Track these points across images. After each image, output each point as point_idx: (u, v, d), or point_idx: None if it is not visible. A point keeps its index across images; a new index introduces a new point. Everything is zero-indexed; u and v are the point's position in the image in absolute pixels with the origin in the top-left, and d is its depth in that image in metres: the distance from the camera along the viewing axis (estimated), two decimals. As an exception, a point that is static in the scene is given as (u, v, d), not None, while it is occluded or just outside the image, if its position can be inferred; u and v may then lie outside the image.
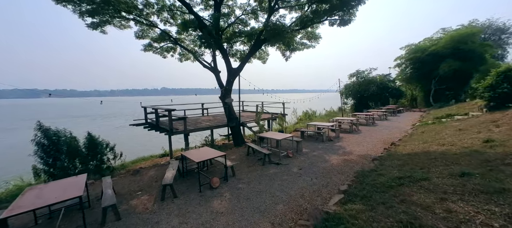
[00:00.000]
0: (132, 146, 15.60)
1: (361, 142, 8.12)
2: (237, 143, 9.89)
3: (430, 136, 7.06)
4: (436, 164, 4.26)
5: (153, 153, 10.83)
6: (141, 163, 8.61)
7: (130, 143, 17.18)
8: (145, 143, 16.66)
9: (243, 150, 7.96)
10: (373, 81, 21.79)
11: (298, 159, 6.42)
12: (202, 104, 13.76)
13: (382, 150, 6.94)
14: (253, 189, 4.60)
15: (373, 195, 3.52)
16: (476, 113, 8.64)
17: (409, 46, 20.45)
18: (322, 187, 4.50)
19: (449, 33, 17.81)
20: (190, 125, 9.25)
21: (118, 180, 5.82)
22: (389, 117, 15.00)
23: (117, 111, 45.28)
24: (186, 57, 14.77)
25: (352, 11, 9.85)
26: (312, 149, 7.42)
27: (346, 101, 23.63)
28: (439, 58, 17.51)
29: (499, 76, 7.52)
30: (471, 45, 16.41)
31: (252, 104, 14.70)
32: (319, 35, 12.39)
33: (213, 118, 12.23)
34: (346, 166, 5.66)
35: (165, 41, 12.67)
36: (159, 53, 13.89)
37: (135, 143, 17.25)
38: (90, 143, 6.98)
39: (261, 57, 14.92)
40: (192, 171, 5.84)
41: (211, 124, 9.85)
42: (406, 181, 3.74)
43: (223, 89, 10.49)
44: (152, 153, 10.90)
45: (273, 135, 6.99)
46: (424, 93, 20.57)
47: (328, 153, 6.96)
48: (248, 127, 10.03)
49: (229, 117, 10.10)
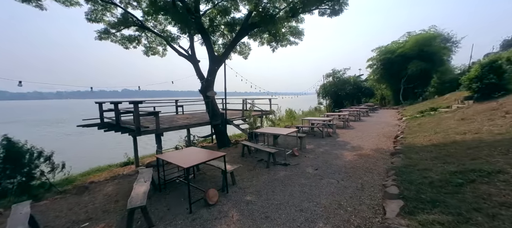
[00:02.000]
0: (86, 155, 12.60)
1: (361, 137, 7.49)
2: (223, 143, 8.36)
3: (432, 127, 6.76)
4: (484, 153, 3.59)
5: (113, 161, 8.56)
6: (95, 176, 6.44)
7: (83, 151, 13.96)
8: (102, 150, 13.70)
9: (235, 151, 6.51)
10: (348, 81, 22.51)
11: (307, 158, 5.31)
12: (176, 100, 11.76)
13: (390, 143, 6.34)
14: (269, 202, 3.26)
15: (446, 199, 2.57)
16: (460, 105, 8.92)
17: (379, 48, 21.68)
18: (358, 191, 3.43)
19: (414, 37, 19.36)
20: (163, 124, 7.39)
21: (52, 203, 3.82)
22: (370, 113, 15.26)
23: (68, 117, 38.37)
24: (154, 51, 12.59)
25: (342, 1, 9.35)
26: (316, 146, 6.42)
27: (322, 101, 23.96)
28: (407, 59, 18.83)
29: (484, 68, 7.78)
30: (433, 48, 18.01)
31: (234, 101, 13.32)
32: (302, 32, 11.78)
33: (191, 116, 10.41)
34: (366, 162, 4.75)
35: (127, 26, 10.42)
36: (120, 42, 11.48)
37: (91, 150, 14.09)
38: (10, 152, 4.73)
39: (242, 52, 13.67)
40: (172, 182, 4.20)
41: (190, 122, 8.13)
42: (473, 175, 2.91)
43: (204, 80, 8.88)
44: (112, 161, 8.62)
45: (276, 130, 5.76)
46: (393, 92, 22.00)
47: (335, 149, 6.04)
48: (235, 125, 8.61)
49: (213, 114, 8.52)
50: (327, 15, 9.91)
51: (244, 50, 13.57)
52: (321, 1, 9.16)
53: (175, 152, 4.05)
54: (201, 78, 9.12)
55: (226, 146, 7.98)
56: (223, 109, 8.90)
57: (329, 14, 9.88)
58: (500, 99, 6.93)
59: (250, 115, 7.83)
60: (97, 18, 9.85)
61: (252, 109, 7.84)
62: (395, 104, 21.06)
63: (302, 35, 12.00)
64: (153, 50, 12.46)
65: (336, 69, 22.42)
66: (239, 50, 13.54)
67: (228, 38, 10.83)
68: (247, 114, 7.92)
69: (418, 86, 19.46)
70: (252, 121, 7.93)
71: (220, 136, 8.67)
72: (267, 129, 5.95)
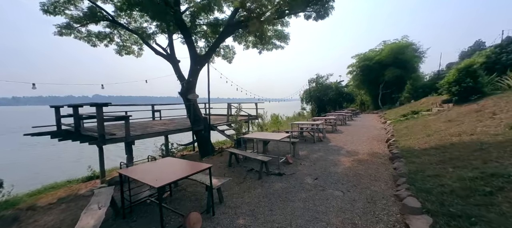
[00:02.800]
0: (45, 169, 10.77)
1: (353, 141, 7.21)
2: (206, 152, 7.51)
3: (421, 129, 6.72)
4: (494, 156, 3.36)
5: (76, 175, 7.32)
6: (47, 195, 5.20)
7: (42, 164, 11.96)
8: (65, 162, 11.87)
9: (220, 160, 5.74)
10: (330, 87, 23.01)
11: (303, 165, 4.76)
12: (152, 105, 10.61)
13: (383, 147, 6.10)
14: (268, 225, 2.60)
15: (481, 212, 2.16)
16: (440, 108, 9.23)
17: (358, 55, 22.60)
18: (370, 205, 2.93)
19: (389, 45, 20.51)
20: (136, 130, 6.37)
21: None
22: (353, 118, 15.47)
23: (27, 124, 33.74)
24: (128, 50, 11.41)
25: (327, 6, 9.29)
26: (310, 152, 5.93)
27: (305, 106, 24.15)
28: (384, 66, 19.79)
29: (461, 72, 8.12)
30: (406, 56, 19.19)
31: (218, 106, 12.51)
32: (288, 36, 11.61)
33: (169, 121, 9.38)
34: (368, 168, 4.35)
35: (95, 21, 9.23)
36: (86, 39, 10.16)
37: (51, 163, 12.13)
38: None
39: (226, 55, 13.06)
40: (143, 203, 3.32)
41: (168, 128, 7.17)
42: (498, 182, 2.58)
43: (185, 82, 8.03)
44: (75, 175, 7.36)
45: (266, 135, 5.14)
46: (372, 97, 22.93)
47: (331, 154, 5.60)
48: (220, 131, 7.83)
49: (195, 119, 7.67)
50: (313, 18, 9.77)
51: (229, 53, 12.96)
52: (306, 4, 8.98)
53: (146, 165, 3.21)
54: (181, 78, 8.26)
55: (209, 154, 7.16)
56: (206, 114, 8.09)
57: (314, 17, 9.74)
58: (479, 101, 7.18)
59: (236, 120, 7.14)
60: (57, 10, 8.53)
61: (238, 113, 7.18)
62: (375, 108, 21.92)
63: (288, 39, 11.80)
64: (127, 49, 11.24)
65: (320, 74, 22.83)
66: (223, 53, 12.90)
67: (211, 40, 10.12)
68: (233, 118, 7.22)
69: (395, 91, 20.52)
70: (238, 126, 7.24)
71: (203, 144, 7.81)
72: (256, 134, 5.32)
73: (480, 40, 33.44)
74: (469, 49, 32.63)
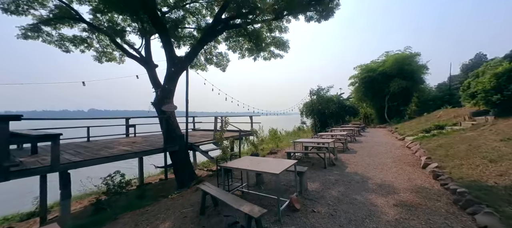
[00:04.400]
0: None
1: (376, 166, 5.46)
2: (182, 181, 5.66)
3: (469, 151, 5.03)
4: None
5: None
6: None
7: None
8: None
9: (192, 200, 3.90)
10: (331, 100, 21.52)
11: (317, 215, 2.97)
12: (126, 119, 8.86)
13: (424, 177, 4.35)
14: None
15: None
16: (472, 122, 7.61)
17: (360, 66, 21.46)
18: None
19: (393, 56, 19.40)
20: (79, 154, 4.55)
21: None
22: (361, 133, 13.78)
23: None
24: (109, 57, 9.95)
25: (331, 6, 8.02)
26: (323, 185, 4.13)
27: (305, 120, 22.52)
28: (388, 77, 18.52)
29: (501, 78, 6.61)
30: (413, 67, 18.00)
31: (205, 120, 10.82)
32: (287, 43, 10.33)
33: (143, 140, 7.58)
34: (429, 222, 2.58)
35: (68, 23, 7.86)
36: (57, 44, 8.76)
37: None
38: None
39: (219, 63, 11.67)
40: None
41: (131, 149, 5.34)
42: None
43: (159, 90, 6.39)
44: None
45: (259, 163, 3.36)
46: (376, 110, 21.44)
47: (355, 190, 3.81)
48: (202, 152, 6.05)
49: (168, 136, 5.92)
50: (315, 20, 8.48)
51: (222, 61, 11.58)
52: (307, 5, 7.68)
53: None
54: (157, 85, 6.62)
55: (185, 186, 5.29)
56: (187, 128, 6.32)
57: (317, 19, 8.45)
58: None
59: (221, 138, 5.38)
60: (21, 10, 7.18)
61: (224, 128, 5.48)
62: (380, 122, 20.32)
63: (287, 48, 10.50)
64: (108, 55, 9.76)
65: (321, 86, 21.42)
66: (216, 61, 11.54)
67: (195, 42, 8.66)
68: (218, 136, 5.46)
69: (401, 104, 19.08)
70: (225, 146, 5.47)
71: (181, 169, 5.97)
72: (245, 161, 3.56)
73: (481, 53, 33.04)
74: (470, 61, 32.11)
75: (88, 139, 7.24)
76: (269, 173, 2.88)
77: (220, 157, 5.26)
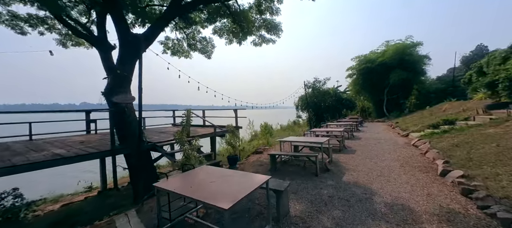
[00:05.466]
0: None
1: (382, 172, 4.34)
2: (138, 193, 4.46)
3: (501, 153, 3.92)
4: None
5: None
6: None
7: None
8: None
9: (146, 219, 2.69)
10: (328, 93, 20.33)
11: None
12: (87, 112, 7.55)
13: (448, 191, 3.24)
14: None
15: None
16: (490, 116, 6.54)
17: (358, 57, 20.24)
18: None
19: (394, 45, 18.19)
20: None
21: None
22: (359, 128, 12.71)
23: None
24: (77, 41, 8.47)
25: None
26: (312, 205, 2.97)
27: (301, 114, 21.39)
28: (388, 68, 17.40)
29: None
30: (414, 57, 16.88)
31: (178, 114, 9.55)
32: (280, 26, 8.99)
33: (99, 138, 6.30)
34: None
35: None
36: (8, 24, 7.32)
37: None
38: None
39: (204, 49, 10.32)
40: None
41: (66, 153, 4.06)
42: None
43: (110, 77, 5.07)
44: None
45: (207, 186, 2.16)
46: (374, 103, 20.42)
47: (357, 217, 2.66)
48: (165, 154, 4.83)
49: (120, 134, 4.66)
50: (310, -6, 7.19)
51: (207, 47, 10.22)
52: None
53: None
54: (110, 71, 5.29)
55: (139, 199, 4.09)
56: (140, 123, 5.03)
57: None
58: None
59: (181, 137, 4.14)
60: None
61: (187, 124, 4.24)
62: (378, 116, 19.32)
63: (280, 31, 9.18)
64: (74, 39, 8.31)
65: (317, 78, 20.15)
66: (200, 47, 10.19)
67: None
68: (178, 135, 4.21)
69: (401, 97, 18.06)
70: (191, 148, 4.23)
71: (136, 178, 4.75)
72: (190, 177, 2.35)
73: (482, 44, 32.07)
74: (471, 53, 31.16)
75: (31, 137, 5.94)
76: (216, 206, 1.68)
77: (182, 161, 4.05)
